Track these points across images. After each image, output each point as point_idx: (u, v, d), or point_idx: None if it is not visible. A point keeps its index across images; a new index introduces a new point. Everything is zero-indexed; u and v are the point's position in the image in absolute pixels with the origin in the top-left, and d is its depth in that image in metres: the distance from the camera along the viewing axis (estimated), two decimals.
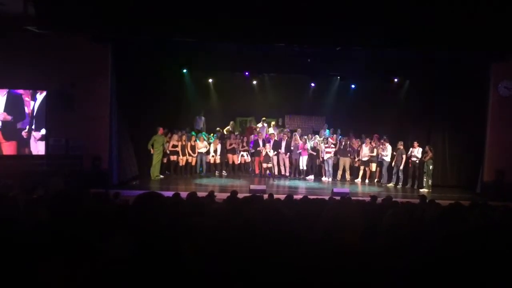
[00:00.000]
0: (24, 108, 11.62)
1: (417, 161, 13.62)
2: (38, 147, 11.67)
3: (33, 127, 11.66)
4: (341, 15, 9.90)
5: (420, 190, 13.12)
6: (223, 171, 15.18)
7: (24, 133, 11.54)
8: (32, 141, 11.62)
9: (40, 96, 11.68)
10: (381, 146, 14.28)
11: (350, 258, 2.08)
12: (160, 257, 1.96)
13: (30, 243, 2.20)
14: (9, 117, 11.45)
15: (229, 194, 7.83)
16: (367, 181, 14.73)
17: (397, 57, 12.78)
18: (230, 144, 15.14)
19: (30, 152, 11.63)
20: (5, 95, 11.45)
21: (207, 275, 1.99)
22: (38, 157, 11.64)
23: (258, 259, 2.05)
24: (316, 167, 15.11)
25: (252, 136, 15.48)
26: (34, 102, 11.61)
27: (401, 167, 13.84)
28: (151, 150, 13.52)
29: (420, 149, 13.63)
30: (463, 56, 12.26)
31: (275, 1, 9.82)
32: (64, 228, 2.46)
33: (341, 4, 9.79)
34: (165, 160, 14.37)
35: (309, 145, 14.83)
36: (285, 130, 16.23)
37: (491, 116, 12.96)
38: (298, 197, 7.69)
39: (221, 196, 8.55)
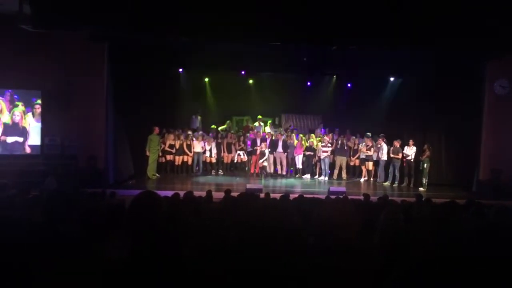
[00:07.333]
0: None
1: (412, 160, 13.65)
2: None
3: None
4: (337, 15, 9.90)
5: (420, 189, 13.11)
6: (219, 170, 15.17)
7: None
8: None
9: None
10: (378, 145, 14.29)
11: (346, 256, 2.08)
12: (158, 257, 1.95)
13: (25, 243, 2.19)
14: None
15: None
16: (364, 179, 14.75)
17: (393, 56, 12.78)
18: (228, 143, 15.12)
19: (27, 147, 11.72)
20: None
21: (205, 274, 1.98)
22: (33, 156, 11.61)
23: (255, 258, 2.04)
24: (312, 166, 15.11)
25: (249, 135, 15.49)
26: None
27: (397, 166, 13.89)
28: (147, 152, 13.49)
29: (414, 148, 13.66)
30: (459, 55, 12.27)
31: (271, 1, 9.81)
32: (59, 228, 2.45)
33: (336, 3, 9.79)
34: (163, 160, 14.34)
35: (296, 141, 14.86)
36: (281, 129, 16.27)
37: (487, 115, 13.00)
38: (294, 196, 7.67)
39: (217, 195, 8.53)
